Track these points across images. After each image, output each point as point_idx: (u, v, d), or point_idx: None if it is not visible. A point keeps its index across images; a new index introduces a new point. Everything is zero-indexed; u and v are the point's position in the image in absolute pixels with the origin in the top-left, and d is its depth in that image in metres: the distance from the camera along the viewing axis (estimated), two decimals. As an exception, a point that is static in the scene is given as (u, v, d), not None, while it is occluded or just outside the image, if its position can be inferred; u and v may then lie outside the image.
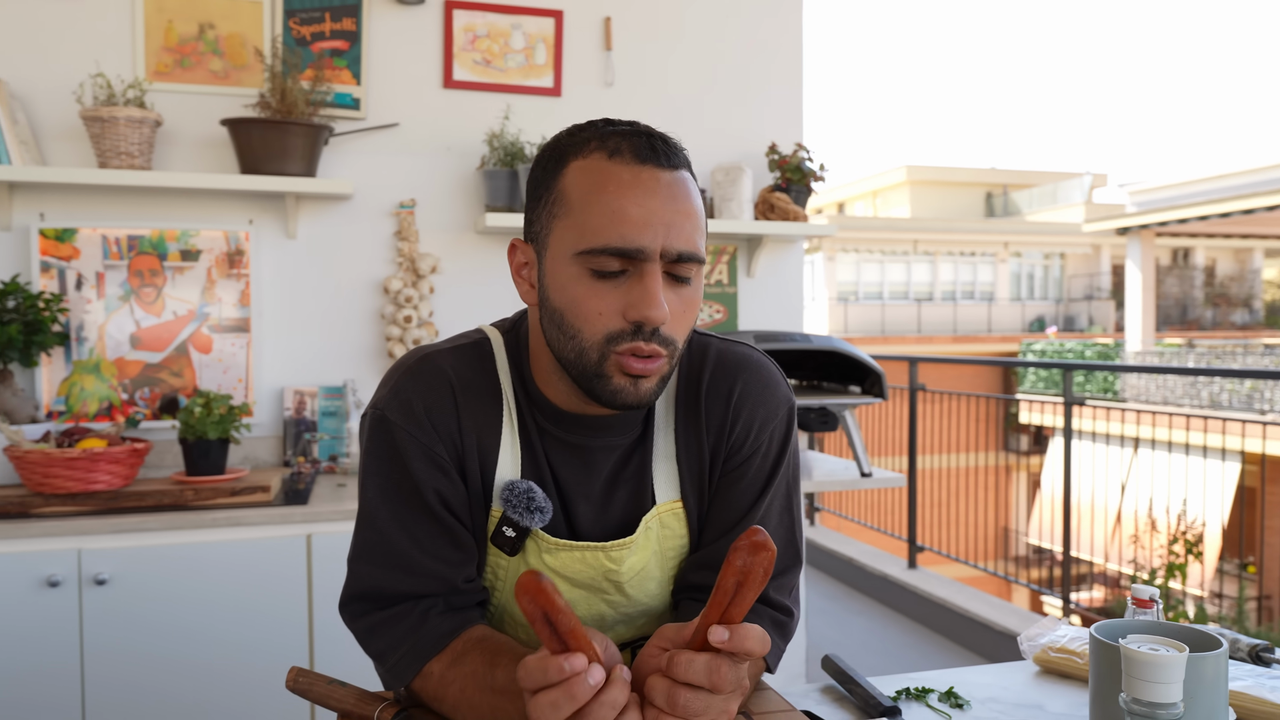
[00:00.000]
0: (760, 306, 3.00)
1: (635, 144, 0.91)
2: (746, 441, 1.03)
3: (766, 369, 1.07)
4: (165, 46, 2.54)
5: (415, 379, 0.99)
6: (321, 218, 2.64)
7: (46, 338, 2.29)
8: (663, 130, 0.96)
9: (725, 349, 1.06)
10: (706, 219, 1.00)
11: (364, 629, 0.97)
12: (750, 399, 1.03)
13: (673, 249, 0.89)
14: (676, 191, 0.91)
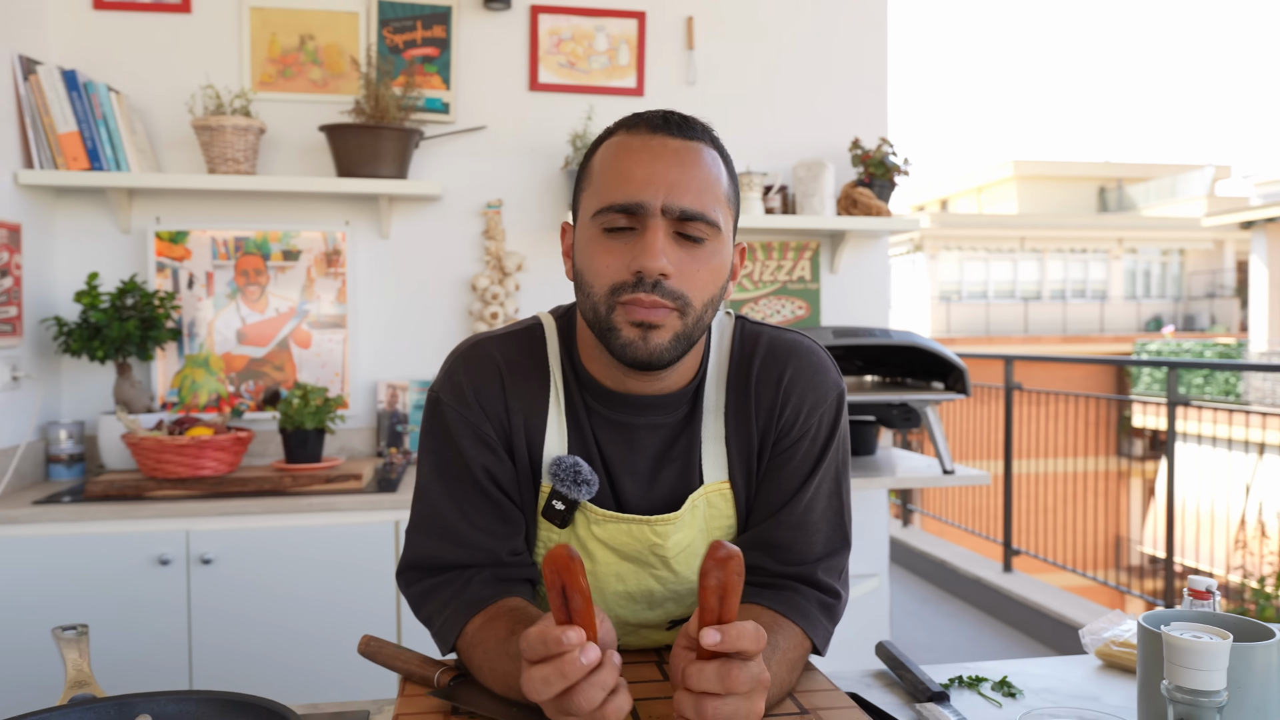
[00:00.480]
0: (844, 303, 2.98)
1: (651, 118, 0.98)
2: (795, 425, 1.05)
3: (817, 355, 1.08)
4: (269, 58, 2.68)
5: (466, 363, 1.05)
6: (413, 218, 2.75)
7: (161, 333, 2.45)
8: (747, 126, 1.01)
9: (777, 336, 1.09)
10: (735, 201, 1.02)
11: (416, 595, 1.03)
12: (800, 383, 1.05)
13: (675, 206, 0.93)
14: (685, 156, 0.95)
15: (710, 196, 0.95)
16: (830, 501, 1.06)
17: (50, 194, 2.53)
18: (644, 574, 1.06)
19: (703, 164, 0.96)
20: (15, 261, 2.31)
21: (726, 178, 0.99)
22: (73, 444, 2.43)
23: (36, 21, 2.48)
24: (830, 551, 1.05)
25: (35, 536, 2.07)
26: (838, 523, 1.07)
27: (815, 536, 1.05)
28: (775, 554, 1.03)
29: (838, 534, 1.06)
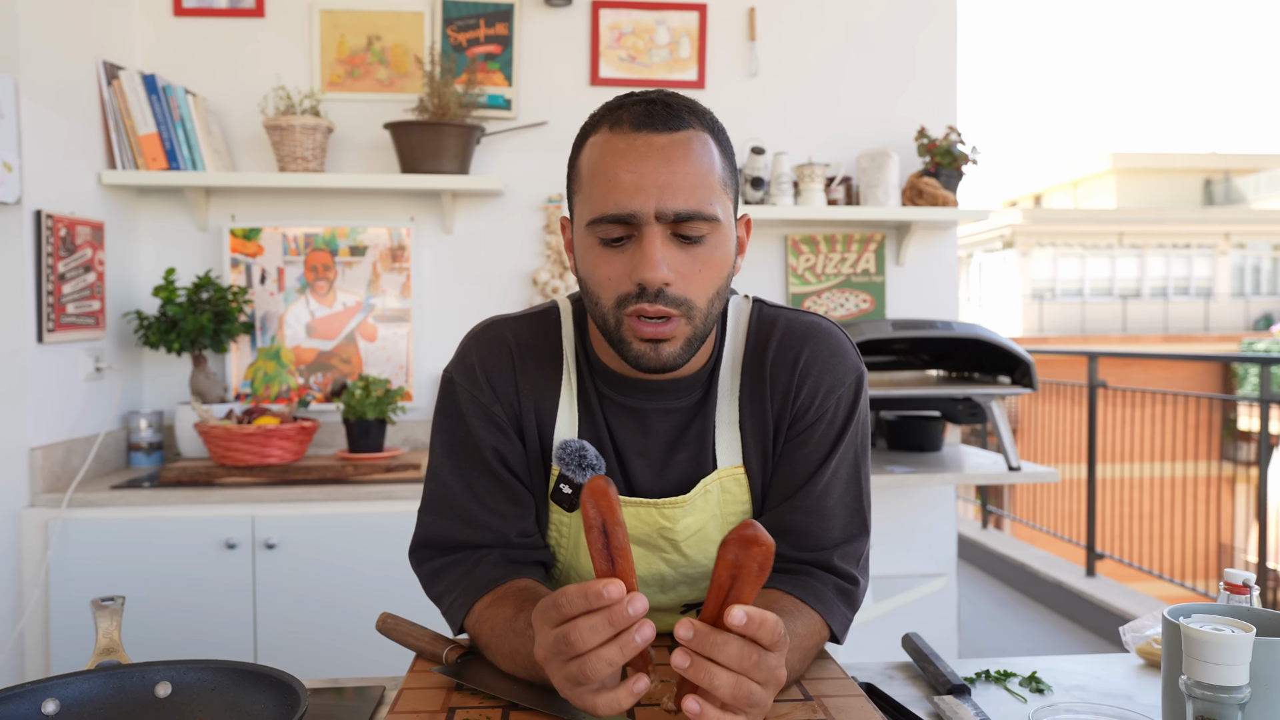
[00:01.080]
0: (911, 296, 2.91)
1: (634, 113, 0.93)
2: (811, 407, 1.03)
3: (835, 337, 1.06)
4: (338, 59, 2.76)
5: (479, 344, 1.06)
6: (476, 213, 2.79)
7: (233, 327, 2.54)
8: (809, 116, 0.98)
9: (794, 318, 1.07)
10: (733, 179, 0.99)
11: (426, 574, 1.05)
12: (816, 366, 1.03)
13: (669, 210, 0.90)
14: (673, 153, 0.92)
15: (704, 190, 0.92)
16: (848, 487, 1.04)
17: (133, 193, 2.65)
18: (654, 558, 1.05)
19: (692, 157, 0.92)
20: (99, 258, 2.43)
21: (720, 160, 0.95)
22: (152, 432, 2.54)
23: (121, 29, 2.60)
24: (848, 537, 1.03)
25: (112, 519, 2.17)
26: (856, 508, 1.04)
27: (832, 522, 1.03)
28: (791, 539, 1.01)
29: (856, 520, 1.04)
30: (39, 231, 2.18)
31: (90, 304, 2.39)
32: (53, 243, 2.22)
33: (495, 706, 0.85)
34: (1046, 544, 5.40)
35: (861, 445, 1.06)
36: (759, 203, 2.72)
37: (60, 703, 0.87)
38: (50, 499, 2.15)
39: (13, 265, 2.14)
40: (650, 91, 0.97)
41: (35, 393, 2.18)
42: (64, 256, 2.27)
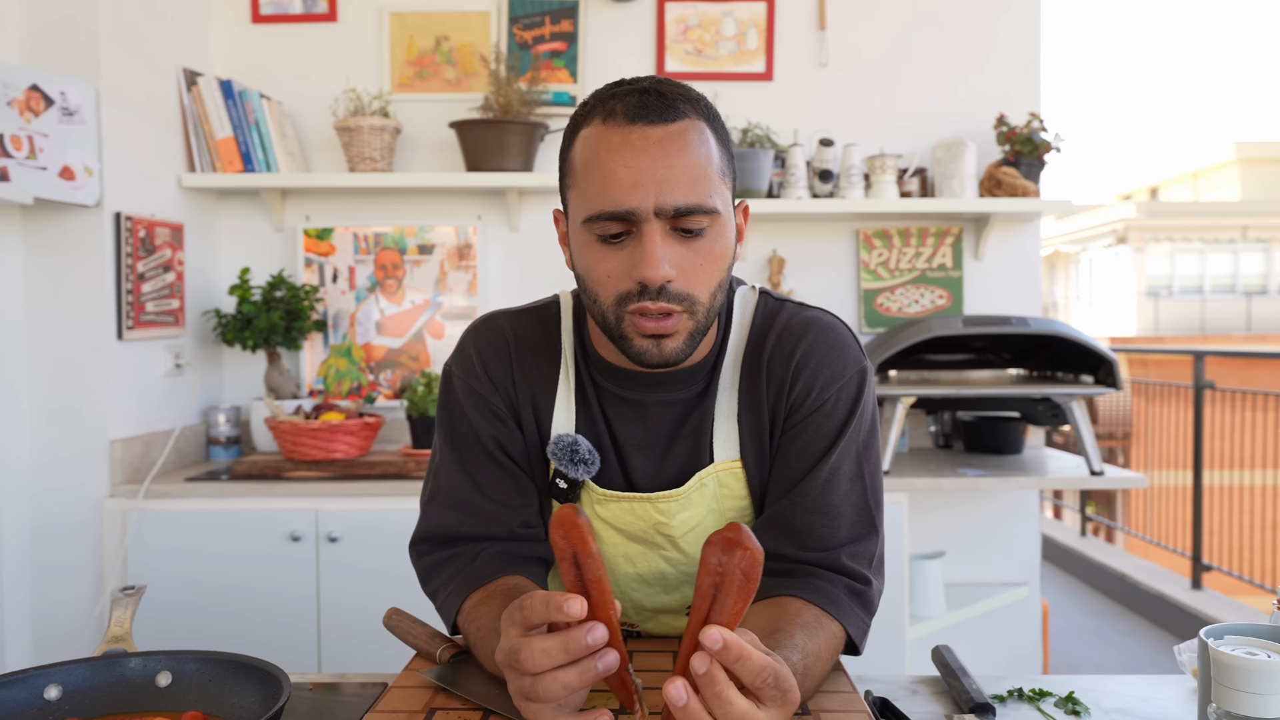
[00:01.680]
0: (990, 292, 2.79)
1: (628, 104, 0.90)
2: (807, 400, 1.00)
3: (835, 331, 1.02)
4: (407, 60, 2.79)
5: (476, 336, 1.06)
6: (542, 211, 2.79)
7: (304, 324, 2.60)
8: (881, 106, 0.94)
9: (796, 312, 1.04)
10: (730, 167, 0.95)
11: (425, 567, 1.04)
12: (813, 359, 1.00)
13: (667, 205, 0.88)
14: (669, 146, 0.89)
15: (703, 182, 0.89)
16: (853, 485, 0.99)
17: (213, 195, 2.74)
18: (653, 555, 1.02)
19: (689, 149, 0.89)
20: (178, 258, 2.52)
21: (716, 148, 0.92)
22: (229, 427, 2.62)
23: (201, 36, 2.69)
24: (856, 537, 0.98)
25: (186, 510, 2.24)
26: (863, 508, 0.99)
27: (838, 521, 0.97)
28: (795, 539, 0.97)
29: (863, 519, 0.98)
30: (118, 233, 2.26)
31: (170, 302, 2.48)
32: (132, 243, 2.30)
33: (476, 709, 0.83)
34: (1153, 554, 5.11)
35: (866, 442, 1.01)
36: (828, 196, 2.64)
37: (63, 689, 0.88)
38: (128, 490, 2.24)
39: (93, 265, 2.23)
40: (642, 79, 0.94)
41: (115, 388, 2.27)
42: (143, 257, 2.35)
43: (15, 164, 2.08)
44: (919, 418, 2.82)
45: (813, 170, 2.65)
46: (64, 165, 2.15)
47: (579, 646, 0.68)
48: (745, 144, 2.61)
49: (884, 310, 2.78)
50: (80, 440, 2.24)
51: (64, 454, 2.24)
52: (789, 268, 2.78)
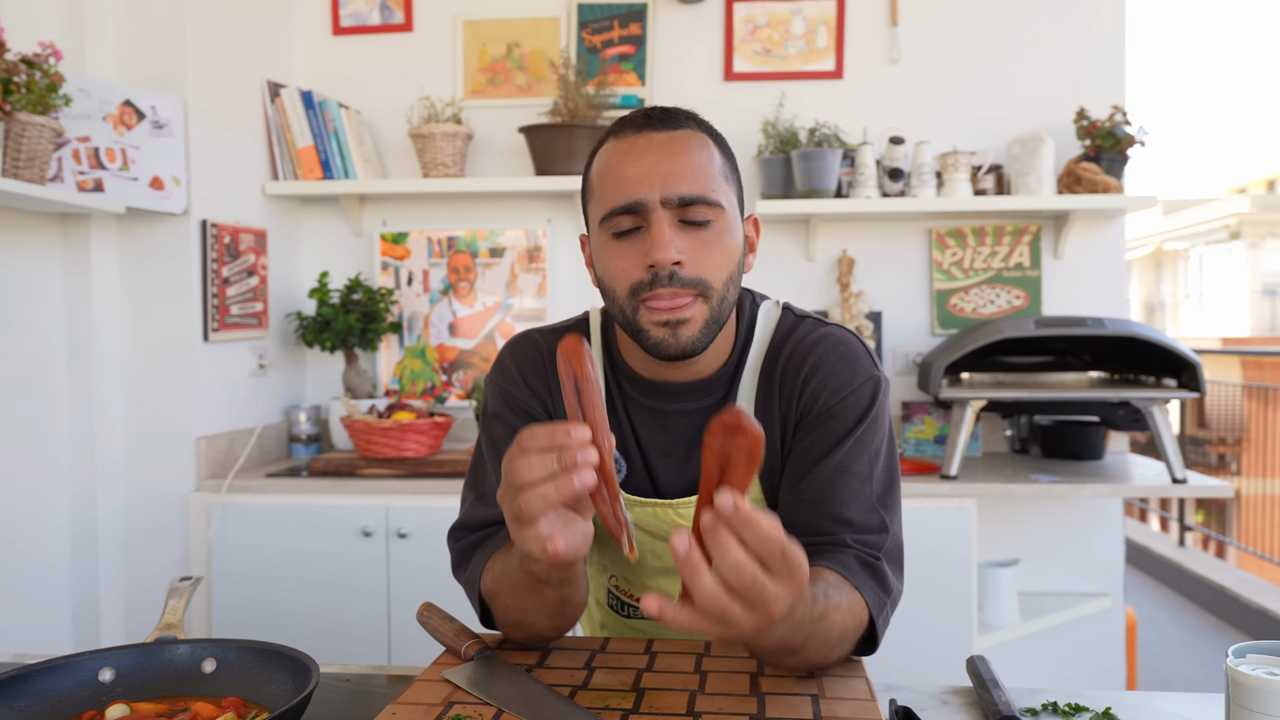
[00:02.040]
0: (1071, 292, 2.69)
1: (635, 118, 1.00)
2: (815, 406, 1.02)
3: (847, 344, 1.04)
4: (479, 67, 2.86)
5: (514, 349, 1.13)
6: (609, 214, 2.82)
7: (380, 326, 2.68)
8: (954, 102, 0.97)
9: (812, 328, 1.07)
10: (735, 178, 1.02)
11: (458, 550, 1.09)
12: (822, 369, 1.02)
13: (673, 195, 0.94)
14: (673, 146, 0.96)
15: (706, 178, 0.96)
16: (862, 485, 0.99)
17: (296, 202, 2.84)
18: None
19: (691, 149, 0.96)
20: (261, 263, 2.62)
21: (720, 157, 0.99)
22: (310, 425, 2.72)
23: (284, 49, 2.80)
24: (864, 529, 0.98)
25: (265, 505, 2.33)
26: (870, 507, 0.99)
27: (843, 513, 0.98)
28: (800, 528, 0.98)
29: (872, 517, 0.99)
30: (204, 239, 2.37)
31: (253, 305, 2.58)
32: (217, 249, 2.41)
33: (491, 705, 0.85)
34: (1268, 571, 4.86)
35: (878, 450, 1.01)
36: (898, 195, 2.59)
37: (116, 672, 0.94)
38: (213, 484, 2.34)
39: (181, 270, 2.35)
40: (654, 108, 1.02)
41: (201, 387, 2.38)
42: (228, 261, 2.46)
43: (109, 175, 2.21)
44: (994, 421, 2.75)
45: (882, 169, 2.60)
46: (154, 175, 2.27)
47: (569, 459, 0.72)
48: (812, 143, 2.59)
49: (957, 311, 2.72)
50: (169, 437, 2.35)
51: (155, 450, 2.36)
52: (859, 268, 2.74)
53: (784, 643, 0.81)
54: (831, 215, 2.66)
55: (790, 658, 0.86)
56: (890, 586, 0.96)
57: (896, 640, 2.19)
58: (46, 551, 2.22)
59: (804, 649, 0.85)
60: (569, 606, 0.95)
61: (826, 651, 0.88)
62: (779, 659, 0.87)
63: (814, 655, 0.87)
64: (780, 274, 2.77)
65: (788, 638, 0.80)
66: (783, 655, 0.85)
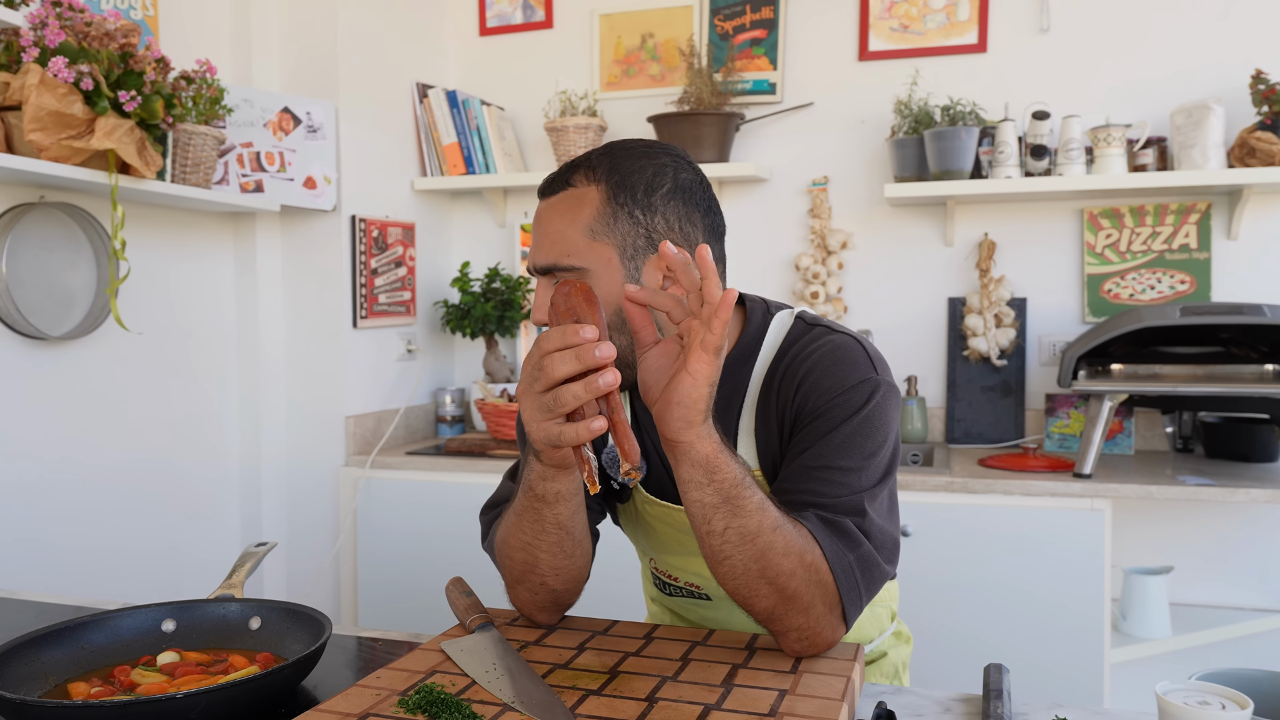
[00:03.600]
0: (1246, 275, 2.43)
1: (545, 181, 1.06)
2: (806, 407, 1.01)
3: (846, 350, 1.03)
4: (614, 59, 2.91)
5: None
6: (739, 201, 2.81)
7: (516, 314, 2.80)
8: (1108, 72, 1.06)
9: (817, 334, 1.06)
10: (624, 221, 1.01)
11: (485, 523, 1.17)
12: (816, 372, 1.01)
13: (537, 265, 1.03)
14: (544, 215, 1.04)
15: (559, 244, 1.00)
16: (845, 478, 0.97)
17: (445, 196, 3.01)
18: (699, 562, 1.10)
19: (557, 215, 1.01)
20: (409, 254, 2.80)
21: (596, 209, 1.00)
22: (454, 407, 2.88)
23: (435, 52, 2.96)
24: (839, 509, 0.96)
25: (403, 480, 2.50)
26: (852, 493, 0.96)
27: (819, 489, 0.97)
28: None
29: (850, 501, 0.96)
30: (354, 233, 2.57)
31: (401, 294, 2.77)
32: (365, 242, 2.60)
33: (466, 677, 0.89)
34: None
35: (872, 453, 0.98)
36: (1043, 173, 2.43)
37: (177, 623, 1.06)
38: (359, 460, 2.54)
39: (333, 262, 2.55)
40: (583, 155, 1.07)
41: (351, 370, 2.58)
42: (376, 254, 2.65)
43: (269, 177, 2.43)
44: (1153, 418, 2.53)
45: (1025, 146, 2.45)
46: (308, 175, 2.48)
47: (589, 356, 0.80)
48: (946, 122, 2.47)
49: (1112, 297, 2.52)
50: (322, 416, 2.57)
51: (310, 428, 2.58)
52: (1001, 252, 2.60)
53: (740, 532, 0.88)
54: (970, 197, 2.53)
55: (750, 576, 0.89)
56: (855, 542, 0.94)
57: (1019, 645, 2.08)
58: (220, 515, 2.49)
59: (762, 564, 0.88)
60: (569, 540, 0.99)
61: (786, 582, 0.89)
62: (744, 577, 0.90)
63: (774, 580, 0.89)
64: (916, 259, 2.67)
65: (734, 523, 0.88)
66: (742, 565, 0.89)
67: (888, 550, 0.97)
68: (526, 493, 0.97)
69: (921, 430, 2.59)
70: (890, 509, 1.01)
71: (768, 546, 0.88)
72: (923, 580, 2.12)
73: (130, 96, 1.86)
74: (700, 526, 0.90)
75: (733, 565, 0.90)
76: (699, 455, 0.86)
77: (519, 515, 1.00)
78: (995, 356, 2.55)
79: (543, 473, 0.94)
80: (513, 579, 1.05)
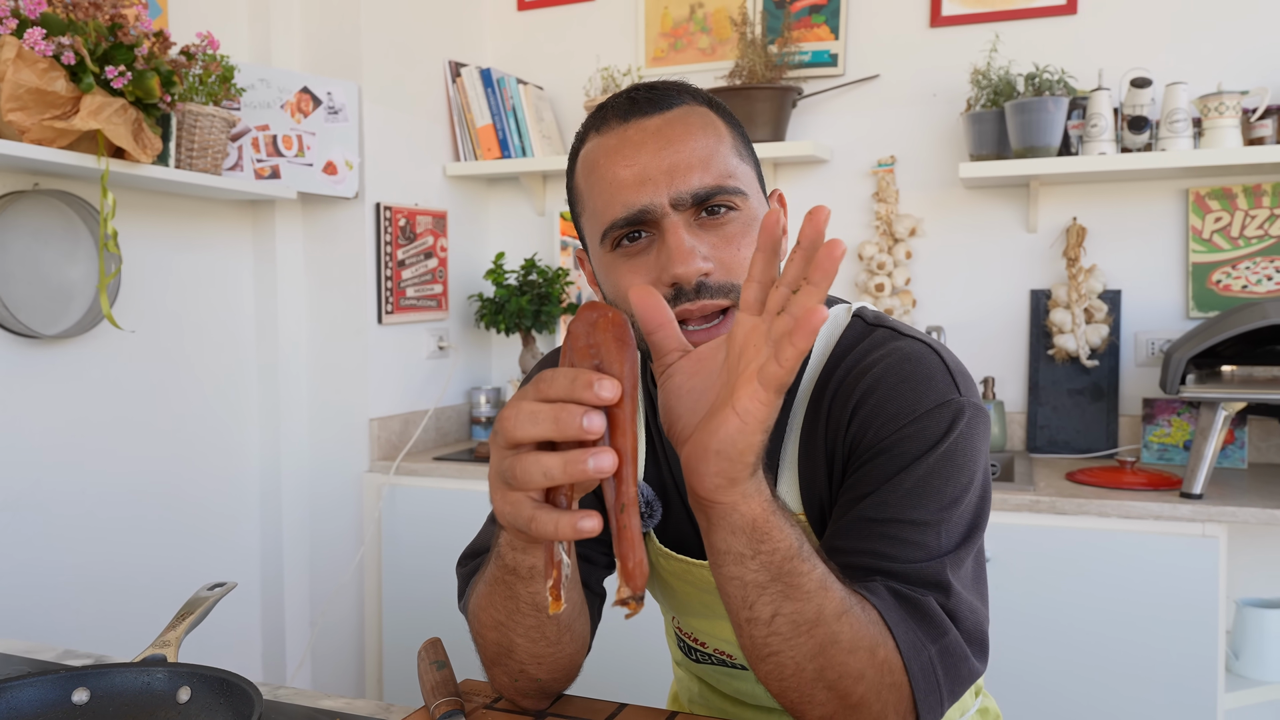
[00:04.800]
0: (1382, 263, 2.12)
1: (617, 106, 0.83)
2: (863, 440, 0.77)
3: (916, 362, 0.78)
4: (661, 33, 2.69)
5: (544, 368, 0.99)
6: (797, 184, 2.56)
7: (554, 308, 2.60)
8: (1218, 30, 0.77)
9: (881, 341, 0.82)
10: (751, 154, 0.86)
11: (463, 575, 0.96)
12: (877, 393, 0.78)
13: (684, 193, 0.78)
14: (670, 133, 0.80)
15: (719, 162, 0.79)
16: (922, 538, 0.73)
17: (481, 182, 2.82)
18: (728, 626, 0.87)
19: (694, 131, 0.80)
20: (441, 245, 2.62)
21: (728, 131, 0.83)
22: (489, 408, 2.70)
23: (470, 29, 2.77)
24: (916, 579, 0.72)
25: (429, 488, 2.33)
26: (933, 558, 0.73)
27: (884, 544, 0.74)
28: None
29: (934, 570, 0.72)
30: (378, 222, 2.39)
31: (431, 287, 2.59)
32: (391, 232, 2.42)
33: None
34: None
35: (955, 499, 0.74)
36: (1143, 149, 2.14)
37: (91, 693, 0.87)
38: (383, 465, 2.37)
39: (356, 253, 2.38)
40: (643, 84, 0.86)
41: (375, 369, 2.41)
42: (403, 244, 2.47)
43: (285, 162, 2.26)
44: (1269, 426, 2.23)
45: (1122, 118, 2.16)
46: (328, 161, 2.30)
47: (572, 423, 0.55)
48: (1030, 92, 2.19)
49: (1222, 289, 2.22)
50: (345, 417, 2.40)
51: (332, 429, 2.41)
52: (1092, 239, 2.31)
53: (793, 620, 0.65)
54: (1056, 176, 2.25)
55: (804, 678, 0.67)
56: (939, 629, 0.70)
57: (1117, 689, 1.81)
58: (237, 525, 2.34)
59: (821, 662, 0.66)
60: (551, 625, 0.78)
61: (851, 687, 0.67)
62: (795, 679, 0.67)
63: (836, 684, 0.66)
64: (994, 248, 2.40)
65: (785, 609, 0.65)
66: (794, 663, 0.66)
67: (979, 640, 0.73)
68: (497, 561, 0.76)
69: (999, 438, 2.32)
70: (976, 577, 0.77)
71: (830, 640, 0.66)
72: (1002, 616, 1.86)
73: (119, 72, 1.70)
74: (739, 611, 0.67)
75: (781, 662, 0.67)
76: (742, 521, 0.63)
77: (490, 587, 0.79)
78: (1085, 356, 2.27)
79: (511, 541, 0.72)
80: (488, 660, 0.85)
